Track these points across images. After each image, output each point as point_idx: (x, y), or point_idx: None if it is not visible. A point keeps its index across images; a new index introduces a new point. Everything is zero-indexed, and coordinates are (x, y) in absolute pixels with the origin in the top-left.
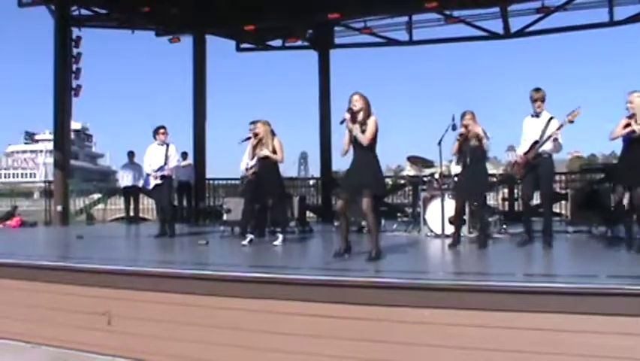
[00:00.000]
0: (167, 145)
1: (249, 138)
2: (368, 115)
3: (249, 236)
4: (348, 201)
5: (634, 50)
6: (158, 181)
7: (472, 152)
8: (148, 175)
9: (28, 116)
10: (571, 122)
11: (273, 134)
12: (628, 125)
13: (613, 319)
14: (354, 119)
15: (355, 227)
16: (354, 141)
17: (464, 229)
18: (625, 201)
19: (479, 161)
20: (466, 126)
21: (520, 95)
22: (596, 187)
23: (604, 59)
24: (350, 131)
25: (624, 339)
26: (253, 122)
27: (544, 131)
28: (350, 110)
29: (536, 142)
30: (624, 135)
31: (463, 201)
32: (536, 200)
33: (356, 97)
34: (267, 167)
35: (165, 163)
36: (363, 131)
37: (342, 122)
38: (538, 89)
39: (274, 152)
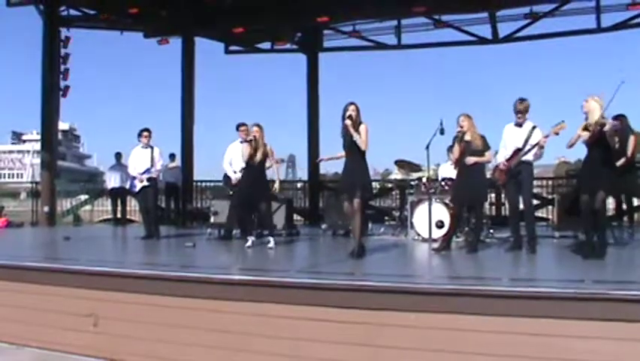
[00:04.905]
0: (152, 148)
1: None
2: (359, 123)
3: (250, 238)
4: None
5: (620, 56)
6: (145, 183)
7: (472, 154)
8: (133, 178)
9: (15, 116)
10: (556, 133)
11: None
12: (585, 129)
13: (597, 324)
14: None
15: (342, 231)
16: (349, 146)
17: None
18: (610, 207)
19: (478, 165)
20: (461, 127)
21: (508, 100)
22: None
23: (591, 65)
24: (350, 137)
25: (608, 344)
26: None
27: (527, 140)
28: (350, 117)
29: (519, 150)
30: (580, 141)
31: (462, 206)
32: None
33: (352, 107)
34: (258, 172)
35: (151, 166)
36: None
37: (343, 134)
38: (522, 100)
39: (266, 156)
